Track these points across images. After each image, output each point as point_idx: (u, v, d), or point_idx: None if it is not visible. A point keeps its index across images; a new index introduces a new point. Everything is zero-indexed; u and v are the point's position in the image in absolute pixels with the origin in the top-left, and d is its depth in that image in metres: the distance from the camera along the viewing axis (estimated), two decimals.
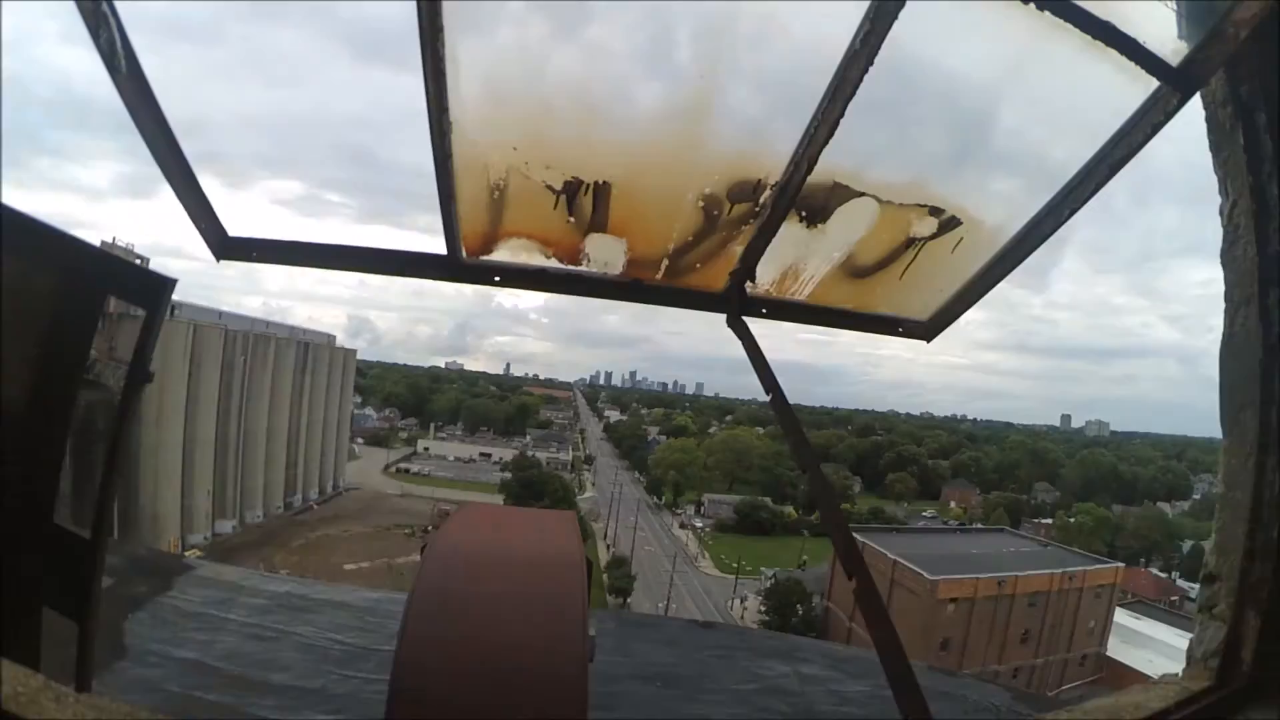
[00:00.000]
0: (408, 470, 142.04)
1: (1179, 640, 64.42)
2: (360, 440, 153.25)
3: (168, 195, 3.23)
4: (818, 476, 3.49)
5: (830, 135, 3.09)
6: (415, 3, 2.49)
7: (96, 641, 2.53)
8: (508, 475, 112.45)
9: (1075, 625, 74.81)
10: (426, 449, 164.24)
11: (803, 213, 3.60)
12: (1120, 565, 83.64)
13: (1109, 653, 73.57)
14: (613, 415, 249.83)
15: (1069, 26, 2.82)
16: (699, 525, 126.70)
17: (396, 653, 2.19)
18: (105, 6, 2.53)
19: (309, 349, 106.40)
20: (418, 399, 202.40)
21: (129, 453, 67.01)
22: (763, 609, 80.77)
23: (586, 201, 3.39)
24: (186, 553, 69.32)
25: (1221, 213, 3.32)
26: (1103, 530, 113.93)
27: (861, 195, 3.58)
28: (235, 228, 3.52)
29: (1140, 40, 2.88)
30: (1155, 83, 3.02)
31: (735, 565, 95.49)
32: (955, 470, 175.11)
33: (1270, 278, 3.12)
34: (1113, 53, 2.88)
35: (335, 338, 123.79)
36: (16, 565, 2.31)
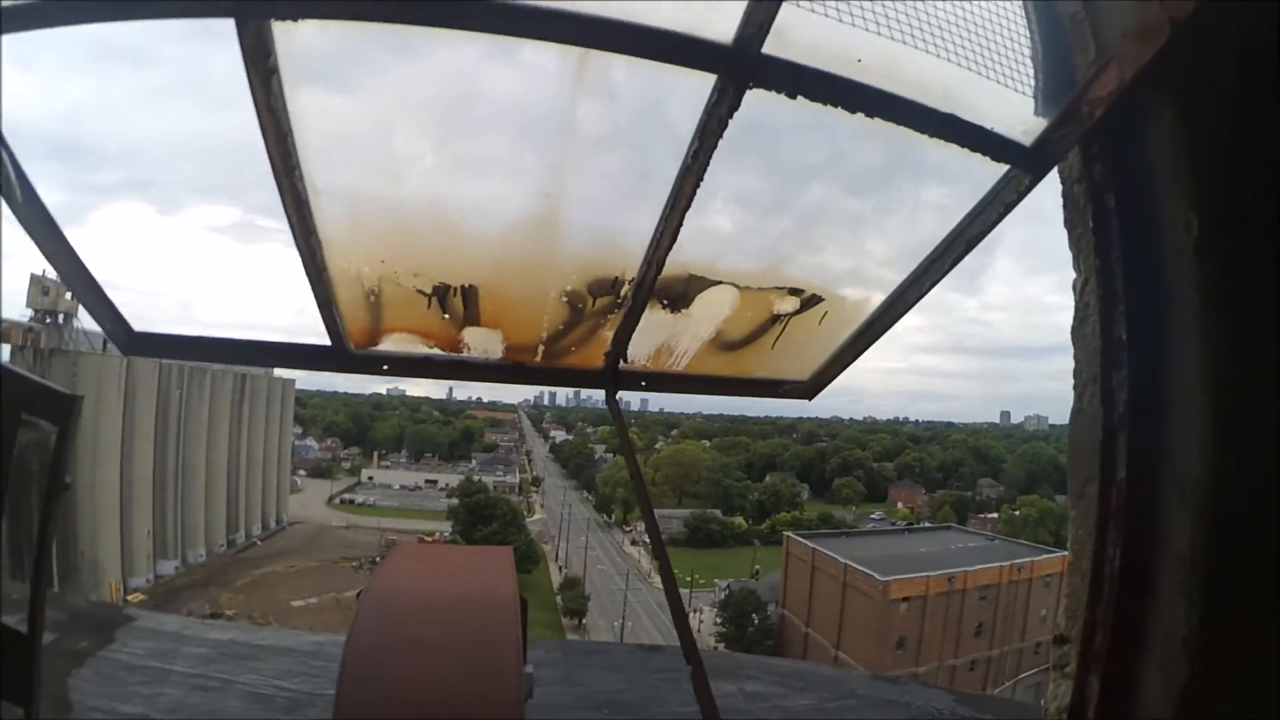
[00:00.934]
0: (352, 501, 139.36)
1: None
2: (302, 472, 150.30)
3: (99, 222, 3.33)
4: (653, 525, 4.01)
5: (674, 239, 3.31)
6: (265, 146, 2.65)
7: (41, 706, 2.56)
8: (455, 501, 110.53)
9: (1027, 615, 76.26)
10: (371, 478, 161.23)
11: (664, 301, 3.81)
12: (1067, 554, 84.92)
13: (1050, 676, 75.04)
14: (558, 435, 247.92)
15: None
16: (650, 541, 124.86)
17: (335, 702, 2.21)
18: None
19: (246, 379, 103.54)
20: (360, 427, 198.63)
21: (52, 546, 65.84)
22: (719, 620, 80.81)
23: (457, 301, 3.59)
24: (129, 597, 67.49)
25: (1074, 288, 3.40)
26: (1048, 521, 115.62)
27: (719, 283, 3.80)
28: (167, 259, 3.65)
29: (989, 126, 2.99)
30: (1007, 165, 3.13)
31: (689, 579, 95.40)
32: (900, 472, 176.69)
33: (1112, 360, 3.20)
34: (962, 148, 3.03)
35: (272, 369, 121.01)
36: None
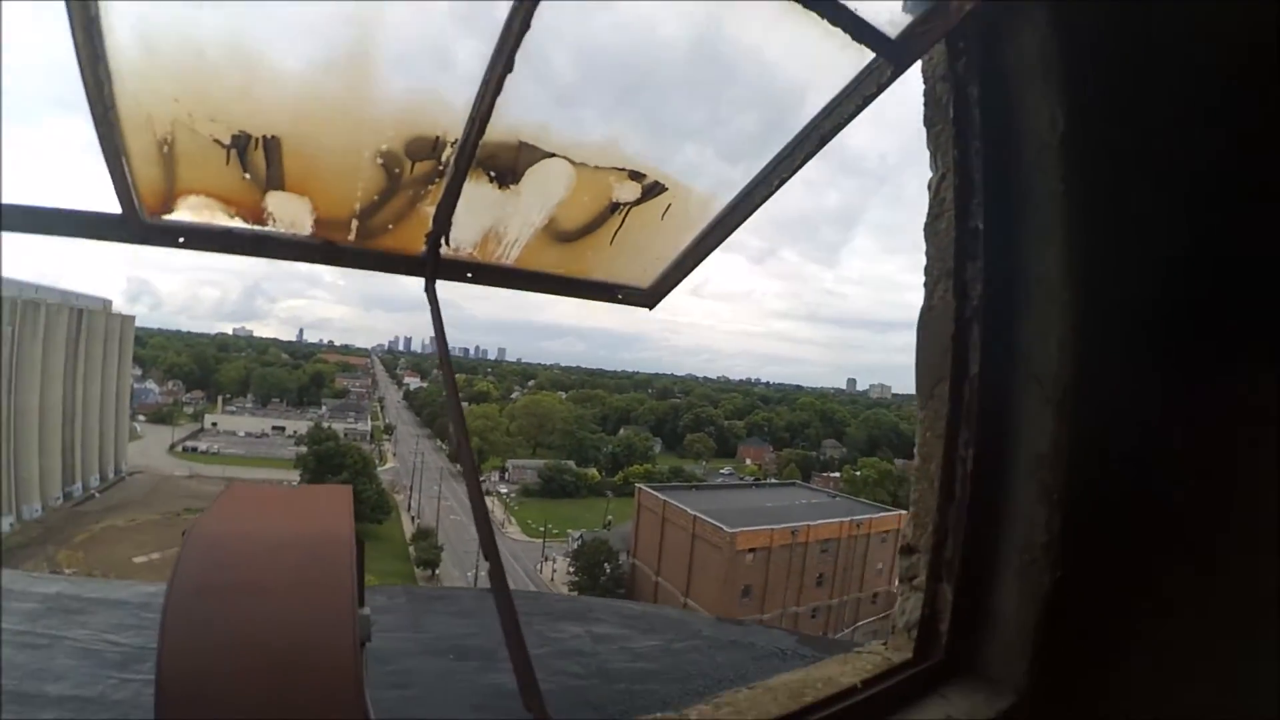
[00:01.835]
0: (195, 449, 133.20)
1: None
2: (142, 418, 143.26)
3: None
4: (466, 449, 3.27)
5: (499, 91, 3.00)
6: None
7: None
8: (303, 449, 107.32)
9: (865, 568, 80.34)
10: (215, 424, 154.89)
11: (491, 173, 3.47)
12: (903, 513, 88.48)
13: (896, 590, 78.83)
14: (413, 382, 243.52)
15: None
16: (504, 491, 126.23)
17: (158, 652, 2.15)
18: None
19: (84, 316, 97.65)
20: (204, 370, 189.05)
21: None
22: (571, 570, 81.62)
23: (259, 157, 3.16)
24: None
25: (929, 187, 3.34)
26: (887, 482, 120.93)
27: (551, 156, 3.47)
28: None
29: (854, 9, 2.84)
30: (870, 54, 3.01)
31: (542, 529, 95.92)
32: (750, 430, 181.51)
33: (967, 252, 3.16)
34: (822, 20, 2.85)
35: (111, 302, 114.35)
36: None
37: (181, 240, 3.33)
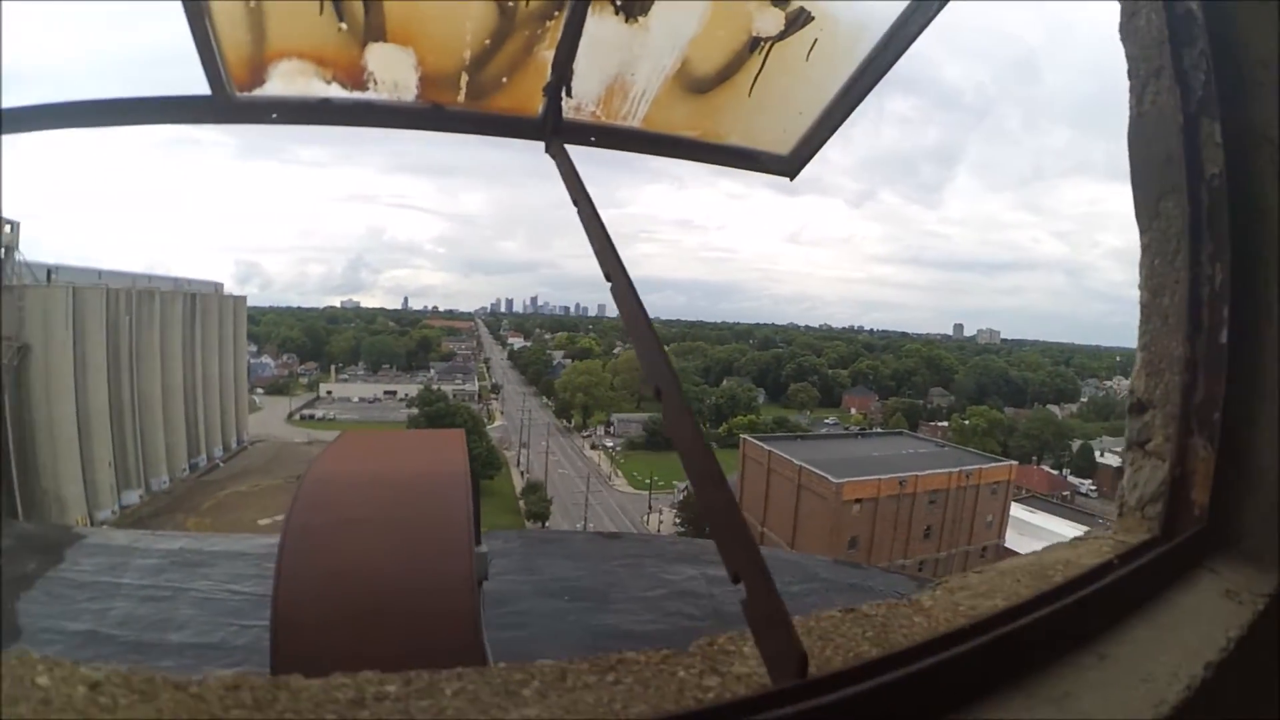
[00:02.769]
0: (312, 416, 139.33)
1: (1071, 530, 68.09)
2: (260, 390, 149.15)
3: (21, 150, 2.84)
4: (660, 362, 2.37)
5: None
6: None
7: None
8: (414, 411, 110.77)
9: (974, 520, 78.52)
10: (329, 392, 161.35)
11: (616, 1, 3.08)
12: (1014, 463, 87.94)
13: (1006, 544, 77.19)
14: (516, 342, 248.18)
15: None
16: (610, 445, 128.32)
17: (273, 592, 2.10)
18: None
19: (197, 299, 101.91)
20: (315, 342, 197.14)
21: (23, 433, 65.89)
22: (677, 520, 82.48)
23: (356, 4, 2.85)
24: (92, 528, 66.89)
25: None
26: (996, 431, 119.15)
27: None
28: None
29: None
30: None
31: (648, 481, 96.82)
32: (854, 379, 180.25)
33: (1183, 37, 2.65)
34: None
35: (223, 285, 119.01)
36: None
37: (274, 116, 3.11)
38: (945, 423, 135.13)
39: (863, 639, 1.96)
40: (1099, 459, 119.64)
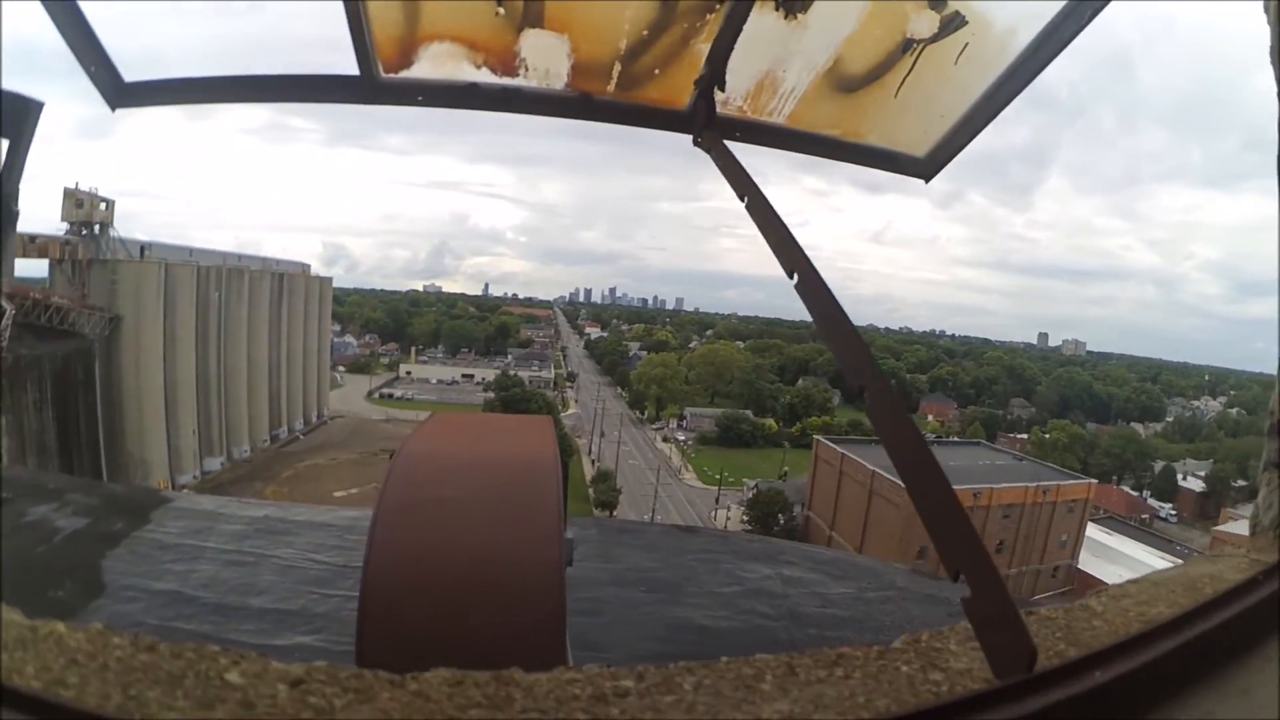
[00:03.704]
0: (391, 395, 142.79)
1: (1149, 557, 66.18)
2: (342, 368, 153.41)
3: (125, 135, 2.89)
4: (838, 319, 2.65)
5: None
6: None
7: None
8: (491, 395, 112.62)
9: (1048, 538, 77.03)
10: (409, 373, 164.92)
11: None
12: (1093, 481, 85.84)
13: (1080, 566, 75.36)
14: (593, 332, 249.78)
15: None
16: (681, 438, 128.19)
17: (364, 565, 2.12)
18: None
19: (284, 279, 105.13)
20: (397, 323, 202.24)
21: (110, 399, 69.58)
22: (745, 518, 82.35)
23: None
24: (177, 492, 69.53)
25: (1265, 9, 2.72)
26: (1076, 447, 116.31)
27: None
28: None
29: None
30: None
31: (718, 477, 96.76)
32: (933, 384, 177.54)
33: None
34: None
35: (310, 266, 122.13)
36: None
37: (420, 98, 3.16)
38: (1024, 435, 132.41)
39: (1055, 639, 2.09)
40: (1181, 482, 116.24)
